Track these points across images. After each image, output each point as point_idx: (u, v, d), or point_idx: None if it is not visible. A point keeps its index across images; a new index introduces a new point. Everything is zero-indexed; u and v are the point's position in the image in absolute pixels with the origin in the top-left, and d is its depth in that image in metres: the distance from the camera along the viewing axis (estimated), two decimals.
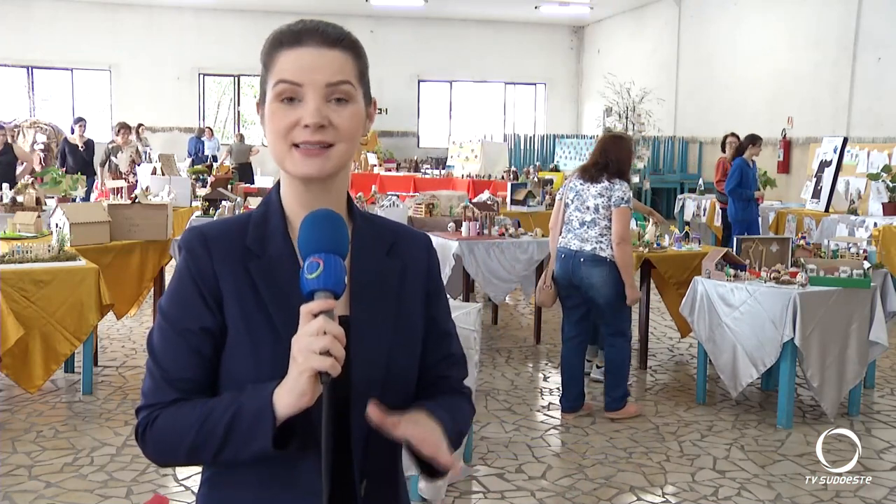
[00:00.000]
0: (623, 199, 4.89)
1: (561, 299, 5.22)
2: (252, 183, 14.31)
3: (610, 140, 5.18)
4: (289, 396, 1.16)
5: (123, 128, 11.25)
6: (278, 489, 1.27)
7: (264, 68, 1.29)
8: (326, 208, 1.24)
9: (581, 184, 5.03)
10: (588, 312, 5.15)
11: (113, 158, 10.93)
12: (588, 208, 4.95)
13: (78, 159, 11.48)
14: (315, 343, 1.12)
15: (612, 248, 4.89)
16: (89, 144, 11.83)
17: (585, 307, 5.11)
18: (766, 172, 10.43)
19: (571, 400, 5.15)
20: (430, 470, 1.28)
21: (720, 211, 10.09)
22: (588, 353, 6.16)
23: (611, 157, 4.97)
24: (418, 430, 1.23)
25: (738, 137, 9.67)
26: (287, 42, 1.26)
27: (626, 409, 5.10)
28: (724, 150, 9.66)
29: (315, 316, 1.14)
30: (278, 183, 1.36)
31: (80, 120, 12.42)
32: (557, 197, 5.30)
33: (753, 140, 9.23)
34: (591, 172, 5.00)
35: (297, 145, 1.25)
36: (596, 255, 4.91)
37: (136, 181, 9.77)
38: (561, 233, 5.12)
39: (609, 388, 5.12)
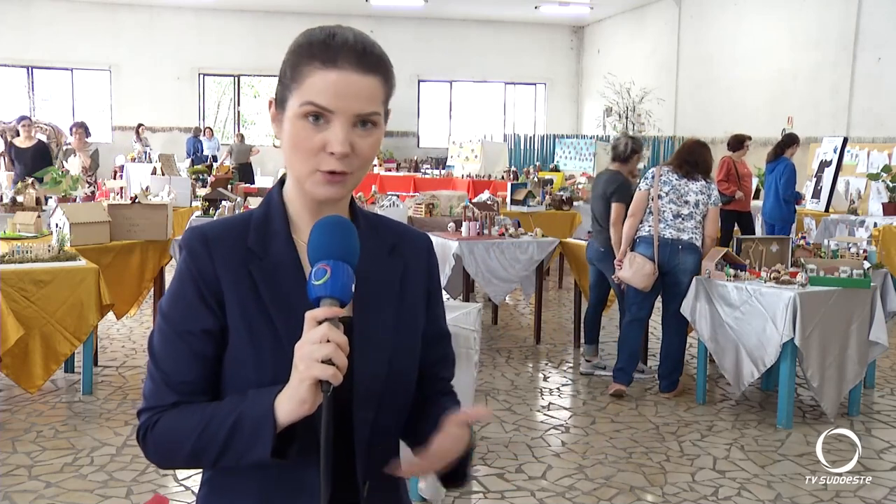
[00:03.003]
0: (719, 198, 5.63)
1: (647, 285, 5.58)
2: (252, 183, 14.32)
3: (696, 143, 5.74)
4: (289, 404, 1.15)
5: (79, 128, 9.64)
6: (281, 493, 1.26)
7: (290, 77, 1.24)
8: (337, 215, 1.24)
9: (677, 179, 5.48)
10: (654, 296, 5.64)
11: (64, 163, 9.58)
12: (687, 203, 5.43)
13: (26, 164, 9.53)
14: (317, 351, 1.11)
15: (700, 239, 5.42)
16: (39, 147, 10.04)
17: (658, 293, 5.60)
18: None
19: (630, 373, 5.59)
20: (453, 477, 1.33)
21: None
22: (587, 353, 6.17)
23: (699, 159, 5.53)
24: (450, 438, 1.27)
25: (748, 139, 9.58)
26: (322, 59, 1.20)
27: (678, 387, 5.54)
28: (732, 150, 9.49)
29: (320, 323, 1.14)
30: (280, 182, 1.34)
31: (23, 119, 10.55)
32: (643, 186, 5.60)
33: (796, 139, 9.19)
34: (685, 169, 5.49)
35: (319, 170, 1.24)
36: (692, 243, 5.40)
37: (93, 192, 8.19)
38: (642, 221, 5.55)
39: (670, 370, 5.52)
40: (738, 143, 9.38)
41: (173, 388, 1.26)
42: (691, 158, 5.51)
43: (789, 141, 9.13)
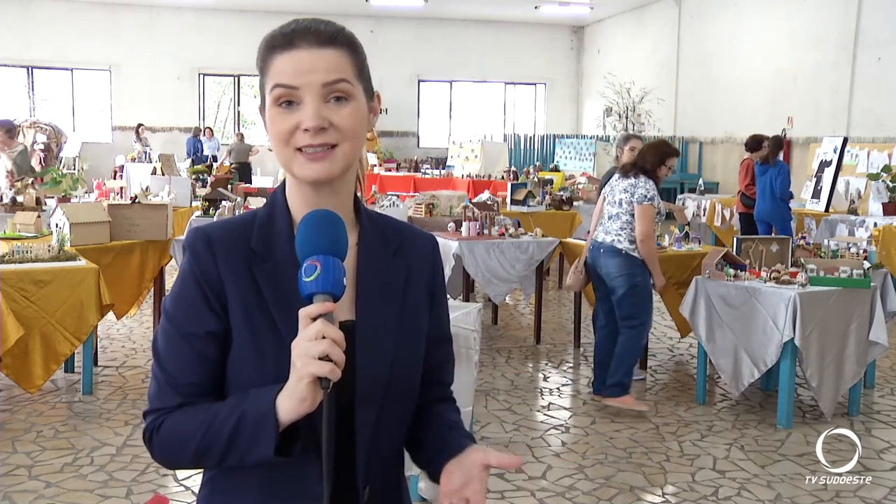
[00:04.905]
0: (646, 196, 5.10)
1: (594, 289, 5.53)
2: (250, 183, 14.29)
3: (648, 143, 5.53)
4: (289, 402, 1.15)
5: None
6: (281, 494, 1.26)
7: (261, 73, 1.27)
8: (323, 209, 1.22)
9: (615, 179, 5.36)
10: None
11: None
12: (615, 202, 5.23)
13: None
14: (313, 348, 1.11)
15: (628, 241, 5.14)
16: None
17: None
18: None
19: (600, 383, 5.33)
20: None
21: (738, 215, 10.04)
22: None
23: (643, 155, 5.28)
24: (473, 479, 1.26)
25: (766, 139, 9.62)
26: (280, 45, 1.23)
27: (622, 398, 5.13)
28: (751, 151, 9.48)
29: (314, 319, 1.13)
30: (283, 183, 1.34)
31: None
32: (601, 191, 5.59)
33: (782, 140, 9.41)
34: (625, 169, 5.31)
35: (300, 149, 1.23)
36: (613, 246, 5.17)
37: (13, 197, 7.33)
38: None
39: (611, 373, 5.19)
40: (756, 143, 9.38)
41: (177, 391, 1.26)
42: (639, 159, 5.30)
43: (781, 143, 9.25)
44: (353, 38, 1.27)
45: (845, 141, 10.24)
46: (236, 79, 20.65)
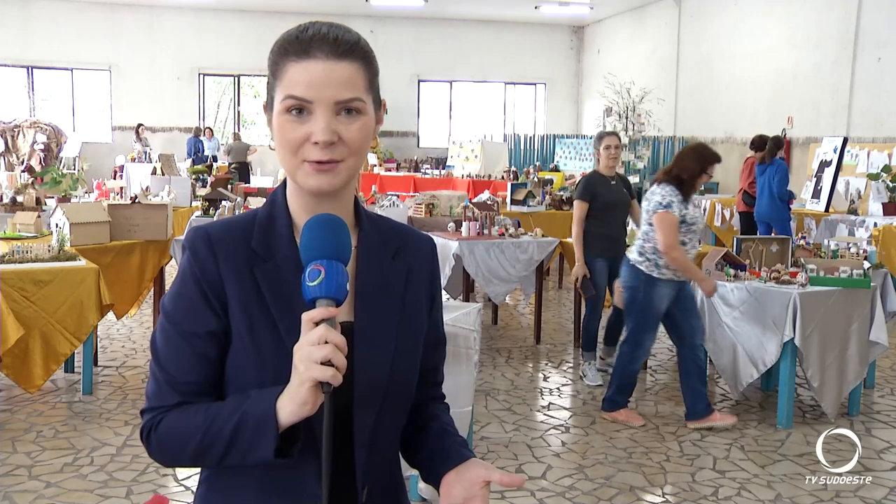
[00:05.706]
0: (661, 203, 4.71)
1: None
2: (248, 182, 14.28)
3: (685, 148, 5.07)
4: (290, 405, 1.15)
5: None
6: (279, 494, 1.26)
7: (272, 75, 1.25)
8: (328, 213, 1.22)
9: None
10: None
11: None
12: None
13: None
14: (316, 353, 1.11)
15: (638, 252, 4.91)
16: None
17: (628, 313, 5.17)
18: None
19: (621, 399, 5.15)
20: None
21: (738, 215, 10.04)
22: (603, 352, 6.15)
23: (680, 163, 4.83)
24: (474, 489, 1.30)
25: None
26: (295, 52, 1.21)
27: (615, 413, 5.05)
28: (756, 150, 9.50)
29: (317, 324, 1.13)
30: (284, 182, 1.34)
31: None
32: None
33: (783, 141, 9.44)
34: (658, 177, 4.92)
35: (306, 160, 1.23)
36: (628, 257, 5.04)
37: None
38: None
39: (610, 388, 5.14)
40: (761, 142, 9.40)
41: (176, 389, 1.26)
42: (675, 164, 4.90)
43: (780, 143, 9.26)
44: (368, 51, 1.26)
45: (845, 141, 10.24)
46: (236, 79, 20.64)
